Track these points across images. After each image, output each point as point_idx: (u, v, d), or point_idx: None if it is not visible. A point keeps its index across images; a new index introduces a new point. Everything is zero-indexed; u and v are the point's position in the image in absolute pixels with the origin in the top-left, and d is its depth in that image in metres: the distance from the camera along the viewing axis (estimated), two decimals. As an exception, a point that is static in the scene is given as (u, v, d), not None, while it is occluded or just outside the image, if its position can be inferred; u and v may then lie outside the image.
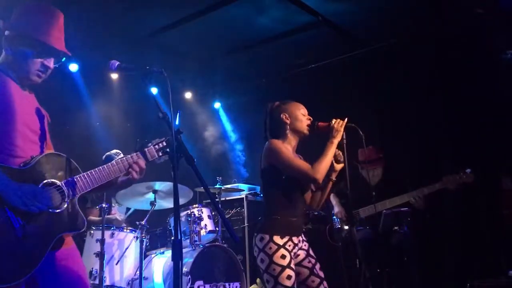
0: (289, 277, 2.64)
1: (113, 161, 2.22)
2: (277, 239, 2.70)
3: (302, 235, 2.90)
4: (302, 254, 2.84)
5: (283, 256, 2.67)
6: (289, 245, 2.73)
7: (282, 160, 2.77)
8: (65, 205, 2.01)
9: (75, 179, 2.07)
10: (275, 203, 2.82)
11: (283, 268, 2.64)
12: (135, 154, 2.29)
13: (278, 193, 2.81)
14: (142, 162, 2.28)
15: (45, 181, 1.98)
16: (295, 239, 2.79)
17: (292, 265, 2.70)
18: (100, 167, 2.17)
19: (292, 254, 2.74)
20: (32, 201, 1.86)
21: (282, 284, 2.62)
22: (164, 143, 2.41)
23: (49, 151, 2.15)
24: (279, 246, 2.69)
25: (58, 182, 2.02)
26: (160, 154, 2.37)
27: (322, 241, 4.37)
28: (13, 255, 1.81)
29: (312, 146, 2.88)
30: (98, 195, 4.45)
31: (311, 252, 2.89)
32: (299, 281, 2.78)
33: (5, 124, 2.00)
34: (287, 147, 2.89)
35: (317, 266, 2.85)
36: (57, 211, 1.98)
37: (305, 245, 2.89)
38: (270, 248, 2.68)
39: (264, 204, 2.93)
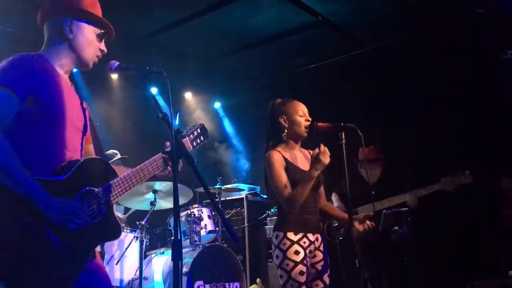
0: (301, 272, 2.67)
1: (150, 160, 2.16)
2: (290, 235, 2.74)
3: (322, 236, 2.91)
4: (319, 256, 2.85)
5: (297, 252, 2.70)
6: (304, 242, 2.75)
7: (271, 179, 2.82)
8: (103, 213, 1.96)
9: (112, 185, 2.00)
10: None
11: (296, 263, 2.67)
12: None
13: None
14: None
15: (83, 191, 1.92)
16: (311, 236, 2.80)
17: (306, 262, 2.72)
18: (137, 169, 2.11)
19: (308, 251, 2.76)
20: (71, 218, 1.81)
21: (295, 279, 2.65)
22: (199, 130, 2.37)
23: (86, 156, 2.10)
24: (293, 242, 2.72)
25: (95, 190, 1.96)
26: (195, 144, 2.30)
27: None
28: (52, 272, 1.77)
29: (312, 146, 2.89)
30: None
31: (327, 256, 2.90)
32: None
33: (56, 121, 1.94)
34: (287, 153, 2.91)
35: (327, 273, 2.87)
36: (95, 220, 1.93)
37: (323, 248, 2.89)
38: (284, 244, 2.72)
39: (277, 204, 2.94)
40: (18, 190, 1.75)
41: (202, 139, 2.45)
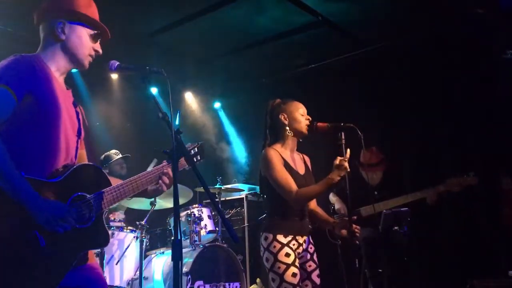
0: (294, 274, 2.68)
1: (143, 173, 2.15)
2: (280, 238, 2.74)
3: (309, 237, 2.92)
4: (306, 256, 2.87)
5: (287, 255, 2.71)
6: (293, 244, 2.77)
7: (271, 175, 2.80)
8: (92, 220, 1.95)
9: (104, 193, 1.99)
10: (277, 204, 2.85)
11: (288, 266, 2.68)
12: (165, 164, 2.22)
13: (279, 195, 2.81)
14: (172, 173, 2.19)
15: (74, 196, 1.91)
16: (299, 239, 2.81)
17: (297, 263, 2.73)
18: (130, 180, 2.11)
19: (297, 253, 2.77)
20: (58, 222, 1.79)
21: (288, 281, 2.65)
22: (196, 149, 2.37)
23: (81, 161, 2.11)
24: (283, 245, 2.72)
25: (87, 196, 1.95)
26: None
27: (321, 239, 4.37)
28: (36, 274, 1.76)
29: (312, 145, 2.89)
30: None
31: (314, 257, 2.91)
32: None
33: (52, 123, 1.93)
34: (284, 152, 2.90)
35: (315, 272, 2.88)
36: (84, 226, 1.91)
37: (311, 248, 2.91)
38: (274, 247, 2.72)
39: (267, 204, 2.95)
40: (9, 190, 1.74)
41: (199, 158, 2.43)
